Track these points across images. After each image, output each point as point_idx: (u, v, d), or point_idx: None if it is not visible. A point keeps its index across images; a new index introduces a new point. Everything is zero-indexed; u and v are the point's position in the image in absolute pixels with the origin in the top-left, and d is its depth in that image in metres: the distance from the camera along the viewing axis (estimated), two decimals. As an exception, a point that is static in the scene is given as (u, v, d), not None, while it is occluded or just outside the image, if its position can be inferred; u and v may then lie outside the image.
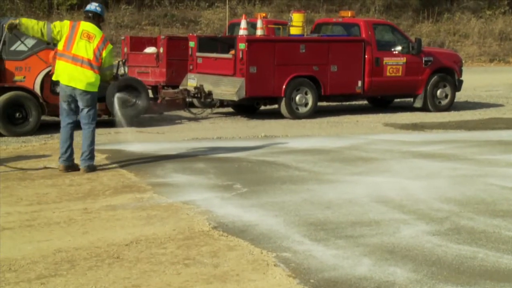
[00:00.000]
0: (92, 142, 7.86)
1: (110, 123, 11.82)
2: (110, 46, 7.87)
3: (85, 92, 7.72)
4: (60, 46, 7.74)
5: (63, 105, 7.86)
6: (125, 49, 15.63)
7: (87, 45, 7.70)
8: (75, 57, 7.69)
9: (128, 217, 5.99)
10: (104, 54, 7.75)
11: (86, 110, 7.82)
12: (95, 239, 5.34)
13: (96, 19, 7.92)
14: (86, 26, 7.79)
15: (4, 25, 7.93)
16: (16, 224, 5.77)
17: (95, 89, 7.81)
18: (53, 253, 4.99)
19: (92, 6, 7.92)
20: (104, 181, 7.42)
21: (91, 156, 7.87)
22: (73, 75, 7.69)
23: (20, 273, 4.60)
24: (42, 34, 7.66)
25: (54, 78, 7.90)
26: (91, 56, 7.69)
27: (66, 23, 7.85)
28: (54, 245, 5.18)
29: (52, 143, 9.84)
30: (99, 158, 8.64)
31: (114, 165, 8.24)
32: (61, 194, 6.83)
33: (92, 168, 7.85)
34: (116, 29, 28.45)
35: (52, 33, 7.70)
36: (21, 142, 10.02)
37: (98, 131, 11.04)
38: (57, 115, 11.54)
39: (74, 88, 7.71)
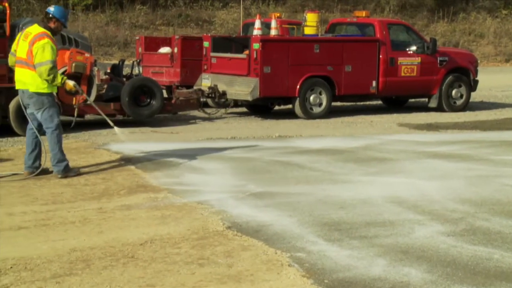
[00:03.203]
0: (54, 147, 7.50)
1: (125, 123, 11.88)
2: (43, 41, 7.32)
3: (30, 94, 7.44)
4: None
5: (25, 110, 7.67)
6: (140, 49, 15.68)
7: (24, 44, 7.46)
8: (18, 59, 7.54)
9: (143, 217, 6.01)
10: (34, 48, 7.31)
11: (38, 113, 7.50)
12: (110, 238, 5.36)
13: (47, 19, 7.60)
14: (29, 28, 7.60)
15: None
16: (31, 223, 5.80)
17: (42, 90, 7.42)
18: (68, 252, 5.02)
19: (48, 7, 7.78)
20: (118, 181, 7.45)
21: (57, 160, 7.51)
22: (18, 78, 7.55)
23: (35, 272, 4.63)
24: (12, 60, 7.66)
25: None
26: (24, 54, 7.42)
27: (19, 33, 7.78)
28: (69, 244, 5.21)
29: (67, 143, 9.88)
30: (114, 158, 8.68)
31: (128, 165, 8.27)
32: (76, 194, 6.87)
33: (63, 173, 7.52)
34: (130, 29, 28.55)
35: (11, 51, 7.68)
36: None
37: (113, 130, 11.13)
38: (72, 115, 11.64)
39: (23, 91, 7.55)
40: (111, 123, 8.49)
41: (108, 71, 12.71)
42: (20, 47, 7.53)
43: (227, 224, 5.77)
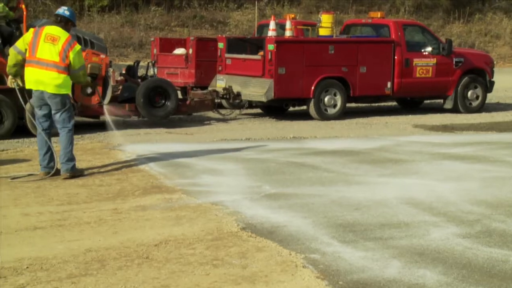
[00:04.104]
0: (67, 145, 7.66)
1: (139, 124, 11.93)
2: (77, 47, 7.62)
3: (54, 95, 7.55)
4: (27, 54, 7.59)
5: (37, 111, 7.75)
6: (155, 50, 15.74)
7: (51, 48, 7.49)
8: (40, 61, 7.51)
9: (157, 218, 6.03)
10: (71, 55, 7.51)
11: (58, 114, 7.63)
12: (124, 239, 5.39)
13: (64, 22, 7.69)
14: (50, 30, 7.61)
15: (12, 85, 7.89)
16: (47, 223, 5.84)
17: (65, 92, 7.62)
18: (84, 252, 5.04)
19: (61, 10, 7.80)
20: (133, 181, 7.47)
21: (68, 159, 7.62)
22: (40, 79, 7.53)
23: (51, 272, 4.66)
24: (18, 59, 7.62)
25: (26, 86, 7.72)
26: (56, 58, 7.49)
27: (29, 31, 7.76)
28: (85, 244, 5.24)
29: (83, 144, 9.94)
30: (129, 159, 8.71)
31: (143, 166, 8.30)
32: (91, 194, 6.90)
33: (71, 171, 7.62)
34: (145, 31, 28.65)
35: (19, 50, 7.62)
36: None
37: (128, 131, 11.20)
38: (88, 116, 11.72)
39: (42, 92, 7.57)
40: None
41: (123, 72, 12.76)
42: (42, 48, 7.50)
43: (241, 225, 5.77)
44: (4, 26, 11.28)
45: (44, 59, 7.52)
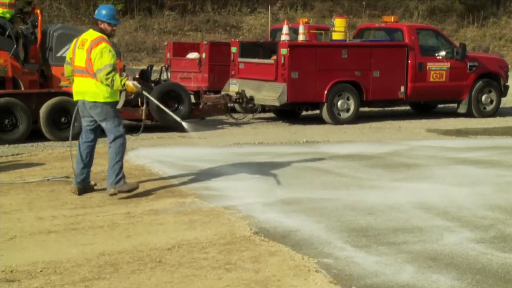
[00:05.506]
0: (119, 160, 6.97)
1: (153, 128, 11.96)
2: (101, 45, 6.78)
3: (94, 104, 6.91)
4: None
5: (82, 122, 7.19)
6: (168, 55, 15.79)
7: (81, 53, 6.93)
8: (76, 69, 7.02)
9: (170, 222, 6.04)
10: (92, 54, 6.79)
11: (103, 124, 7.00)
12: (137, 243, 5.40)
13: (98, 23, 7.02)
14: (85, 34, 7.05)
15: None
16: (61, 227, 5.87)
17: (106, 99, 6.90)
18: (97, 256, 5.06)
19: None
20: (146, 185, 7.49)
21: (118, 173, 6.93)
22: (78, 89, 7.03)
23: (65, 276, 4.68)
24: (68, 69, 7.23)
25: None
26: (83, 63, 6.91)
27: (74, 40, 7.22)
28: (98, 248, 5.26)
29: (96, 148, 9.95)
30: (142, 163, 8.73)
31: (156, 170, 8.31)
32: (104, 198, 6.92)
33: (117, 186, 6.90)
34: (159, 35, 28.74)
35: (67, 59, 7.25)
36: (66, 146, 10.17)
37: (141, 135, 11.21)
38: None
39: (83, 102, 7.01)
40: (178, 119, 7.92)
41: (137, 76, 12.81)
42: (77, 55, 7.04)
43: (254, 229, 5.77)
44: (21, 30, 11.38)
45: (79, 66, 7.06)
